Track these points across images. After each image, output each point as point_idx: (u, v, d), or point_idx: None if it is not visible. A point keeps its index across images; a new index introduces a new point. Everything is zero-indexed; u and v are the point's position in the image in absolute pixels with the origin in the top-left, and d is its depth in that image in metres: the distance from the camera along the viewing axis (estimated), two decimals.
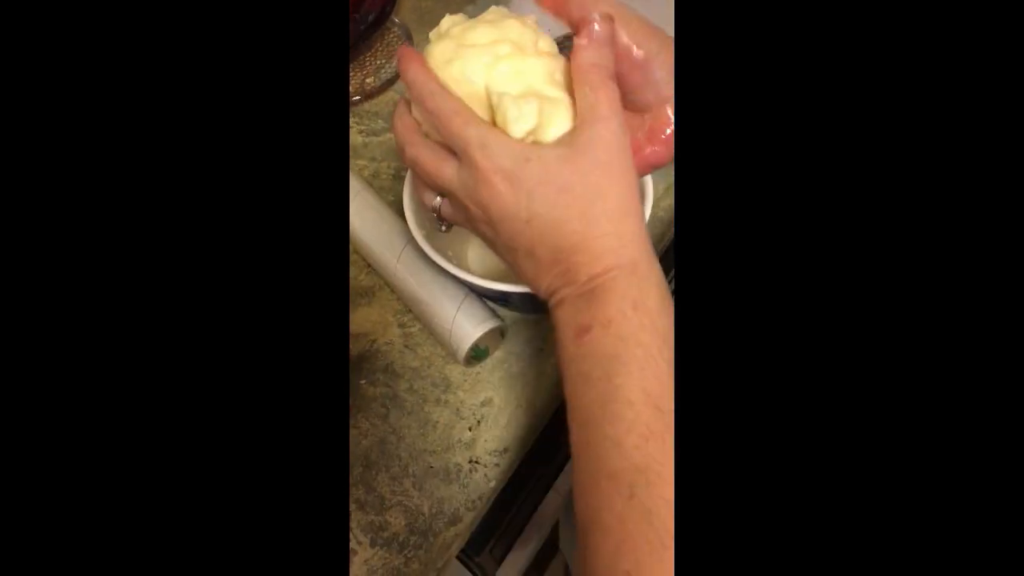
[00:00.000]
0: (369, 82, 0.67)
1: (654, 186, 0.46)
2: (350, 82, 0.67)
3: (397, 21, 0.71)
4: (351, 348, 0.52)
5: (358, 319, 0.54)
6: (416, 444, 0.48)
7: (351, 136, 0.64)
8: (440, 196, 0.37)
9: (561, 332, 0.33)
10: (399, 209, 0.49)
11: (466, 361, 0.49)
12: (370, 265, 0.55)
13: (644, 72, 0.36)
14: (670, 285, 0.34)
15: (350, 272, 0.56)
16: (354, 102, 0.66)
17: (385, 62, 0.69)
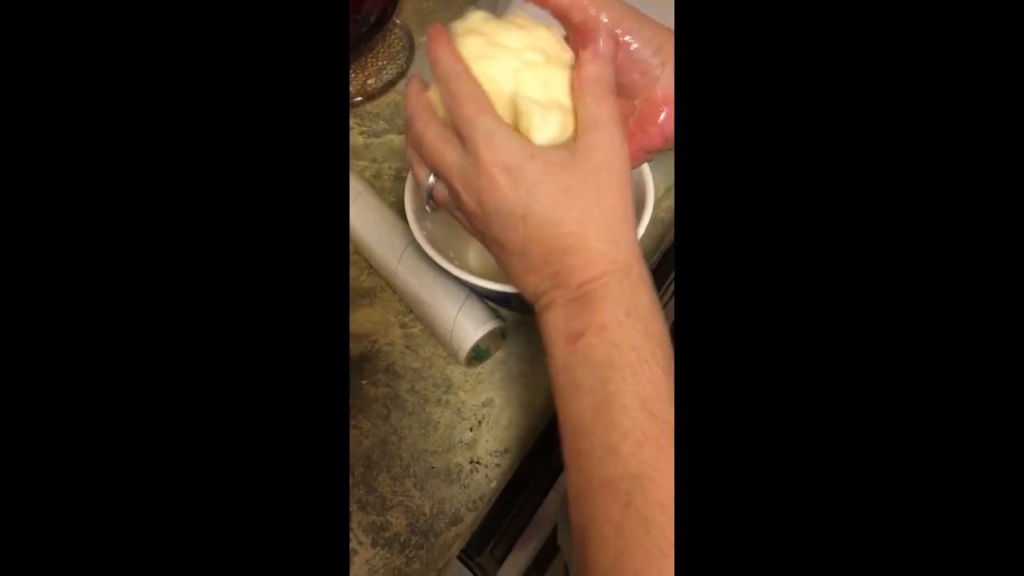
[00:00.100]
0: (370, 83, 0.67)
1: (655, 187, 0.46)
2: (351, 83, 0.67)
3: (398, 22, 0.71)
4: (352, 349, 0.52)
5: (359, 320, 0.54)
6: (417, 444, 0.48)
7: (352, 137, 0.64)
8: (434, 176, 0.37)
9: (550, 337, 0.33)
10: (400, 210, 0.49)
11: (467, 362, 0.49)
12: (371, 266, 0.55)
13: (627, 52, 0.36)
14: (670, 287, 0.34)
15: (351, 273, 0.56)
16: (355, 103, 0.66)
17: (386, 63, 0.69)
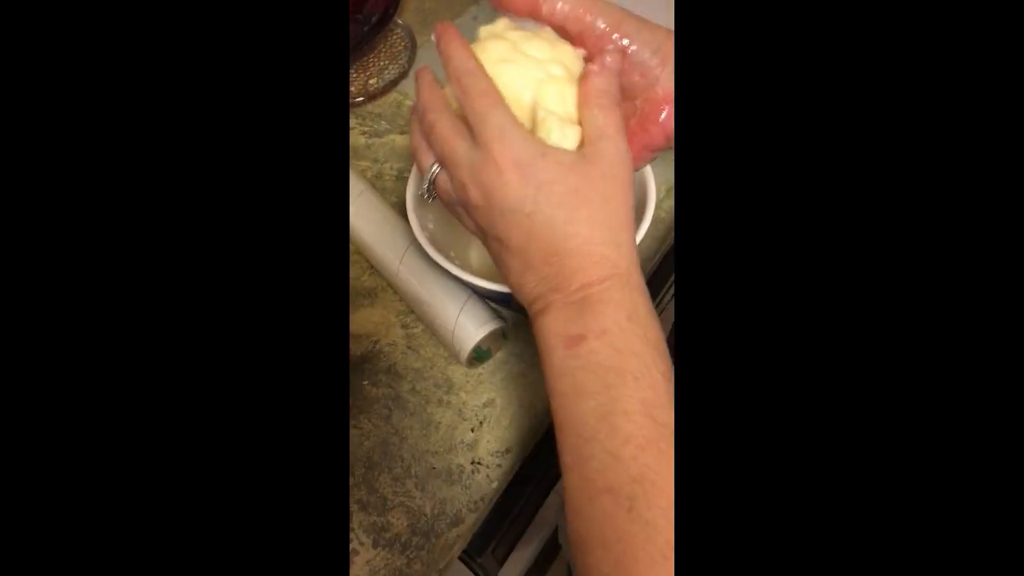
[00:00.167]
0: (372, 84, 0.67)
1: (656, 187, 0.46)
2: (353, 83, 0.67)
3: (400, 23, 0.71)
4: (354, 349, 0.52)
5: (361, 320, 0.54)
6: (418, 445, 0.48)
7: (354, 137, 0.64)
8: (439, 167, 0.36)
9: (548, 341, 0.33)
10: (402, 210, 0.49)
11: (468, 362, 0.49)
12: (373, 266, 0.55)
13: (626, 55, 0.36)
14: (671, 288, 0.34)
15: (353, 273, 0.56)
16: (357, 103, 0.66)
17: (388, 64, 0.69)
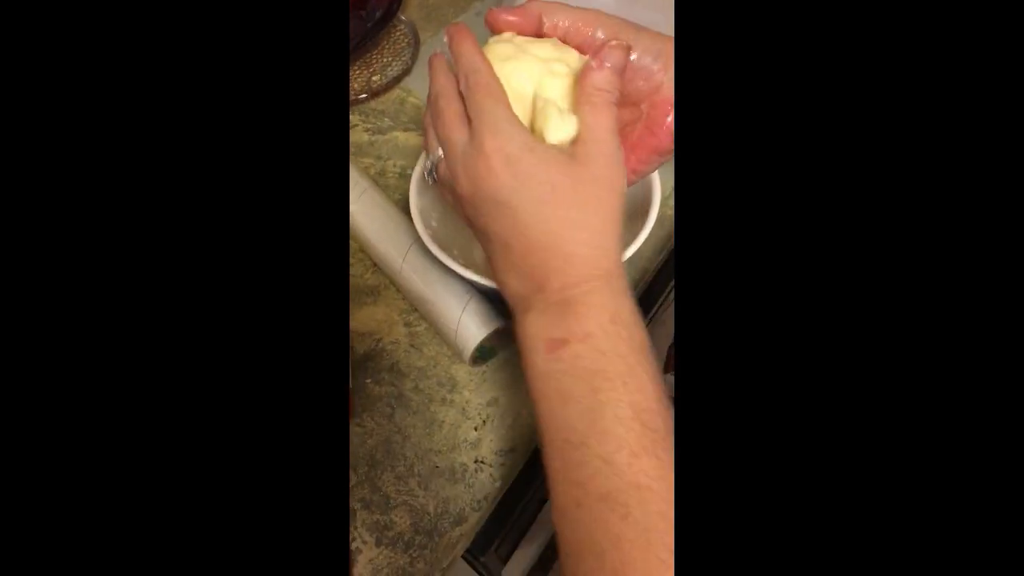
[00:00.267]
0: (375, 80, 0.67)
1: (662, 186, 0.46)
2: (356, 80, 0.67)
3: (404, 19, 0.71)
4: (356, 347, 0.52)
5: (363, 318, 0.54)
6: (422, 444, 0.48)
7: (357, 134, 0.64)
8: (442, 151, 0.37)
9: (530, 344, 0.33)
10: (405, 208, 0.49)
11: (472, 361, 0.49)
12: (376, 264, 0.55)
13: (628, 62, 0.36)
14: (671, 292, 0.34)
15: (356, 271, 0.56)
16: (360, 100, 0.66)
17: (391, 60, 0.69)
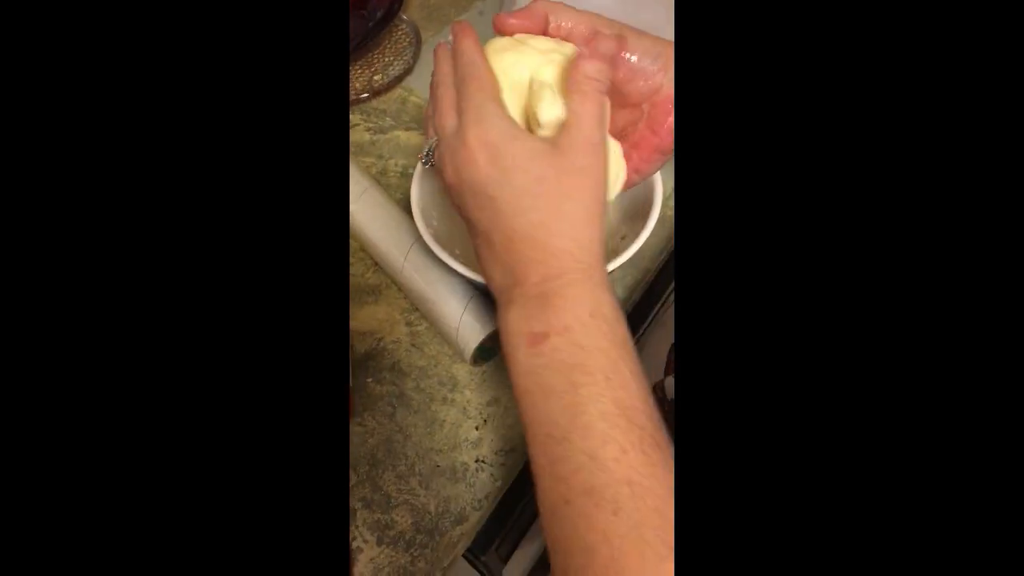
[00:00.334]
0: (377, 79, 0.67)
1: (663, 185, 0.46)
2: (358, 79, 0.67)
3: (405, 18, 0.71)
4: (358, 346, 0.52)
5: (365, 317, 0.54)
6: (423, 443, 0.48)
7: (359, 133, 0.64)
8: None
9: (511, 339, 0.32)
10: (406, 207, 0.49)
11: (473, 360, 0.49)
12: (377, 263, 0.55)
13: (628, 64, 0.36)
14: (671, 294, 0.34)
15: (357, 270, 0.56)
16: (362, 99, 0.66)
17: (393, 59, 0.69)
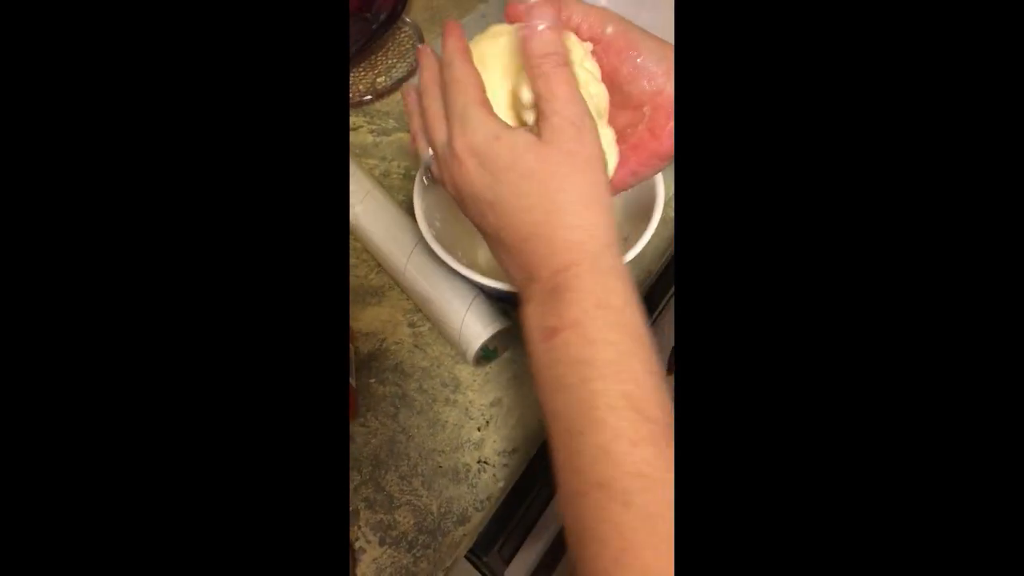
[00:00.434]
0: (380, 81, 0.67)
1: (665, 186, 0.46)
2: (361, 81, 0.67)
3: (408, 20, 0.71)
4: (361, 347, 0.52)
5: (368, 318, 0.54)
6: (425, 444, 0.48)
7: (362, 135, 0.64)
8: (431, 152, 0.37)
9: (529, 335, 0.33)
10: (409, 209, 0.49)
11: (475, 361, 0.49)
12: (380, 265, 0.55)
13: (633, 63, 0.36)
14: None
15: (360, 272, 0.56)
16: (365, 101, 0.66)
17: (396, 61, 0.69)
